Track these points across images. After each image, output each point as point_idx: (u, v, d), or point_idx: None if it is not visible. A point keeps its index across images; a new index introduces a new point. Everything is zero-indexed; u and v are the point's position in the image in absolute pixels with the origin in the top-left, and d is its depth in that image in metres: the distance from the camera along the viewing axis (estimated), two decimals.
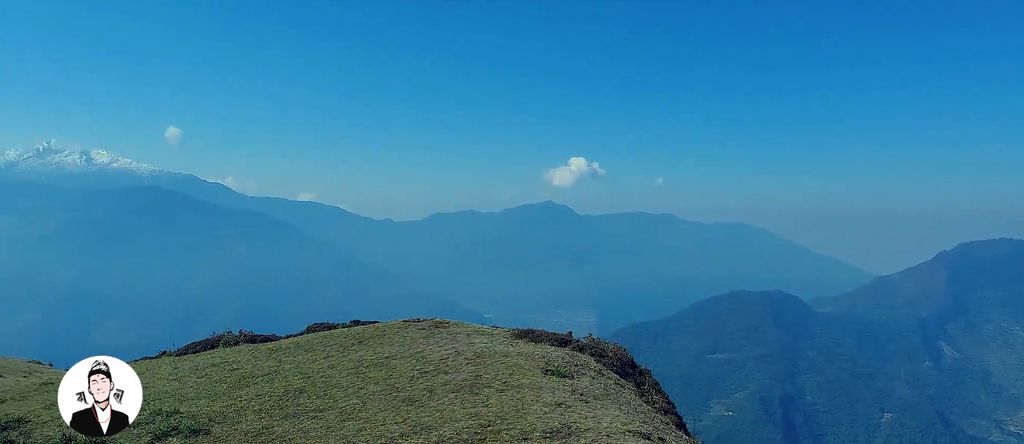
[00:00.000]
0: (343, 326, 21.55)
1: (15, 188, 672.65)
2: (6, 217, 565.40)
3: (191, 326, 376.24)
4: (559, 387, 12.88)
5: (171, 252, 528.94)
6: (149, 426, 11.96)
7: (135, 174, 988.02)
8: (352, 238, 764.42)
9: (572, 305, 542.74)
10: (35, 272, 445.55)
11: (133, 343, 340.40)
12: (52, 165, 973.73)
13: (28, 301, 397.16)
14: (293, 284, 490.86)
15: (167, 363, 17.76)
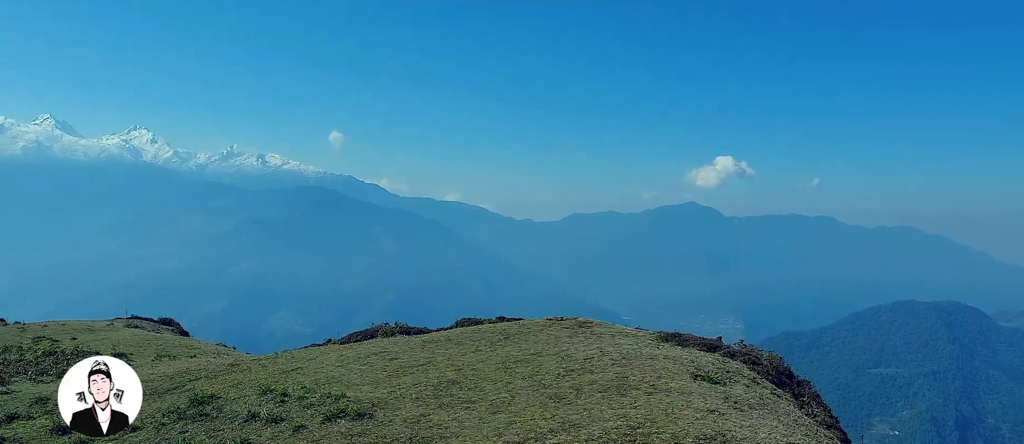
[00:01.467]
0: (490, 322, 22.22)
1: (205, 189, 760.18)
2: (198, 215, 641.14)
3: (350, 316, 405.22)
4: (710, 393, 12.47)
5: (333, 247, 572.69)
6: (320, 408, 13.04)
7: (303, 175, 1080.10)
8: (494, 237, 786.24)
9: (716, 311, 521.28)
10: (220, 265, 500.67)
11: (301, 331, 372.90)
12: (234, 167, 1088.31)
13: (216, 290, 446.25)
14: (439, 280, 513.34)
15: (333, 351, 19.23)
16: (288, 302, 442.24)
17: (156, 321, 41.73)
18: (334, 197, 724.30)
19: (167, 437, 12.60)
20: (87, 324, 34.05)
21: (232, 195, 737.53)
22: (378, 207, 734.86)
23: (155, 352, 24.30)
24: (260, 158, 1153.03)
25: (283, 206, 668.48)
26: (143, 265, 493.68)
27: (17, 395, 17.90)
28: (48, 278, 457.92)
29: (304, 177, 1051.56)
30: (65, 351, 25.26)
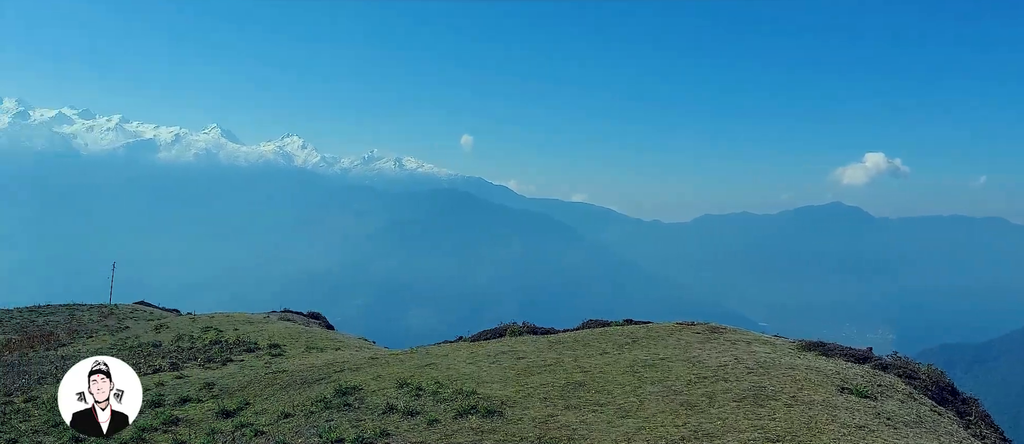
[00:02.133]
0: (617, 324, 21.94)
1: (350, 192, 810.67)
2: (344, 217, 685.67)
3: (479, 313, 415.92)
4: (859, 408, 11.55)
5: (464, 247, 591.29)
6: (453, 403, 13.50)
7: (437, 178, 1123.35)
8: (621, 238, 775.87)
9: (864, 319, 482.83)
10: (363, 263, 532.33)
11: (434, 327, 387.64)
12: (374, 171, 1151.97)
13: (358, 287, 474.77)
14: (565, 280, 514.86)
15: (464, 348, 19.83)
16: (423, 299, 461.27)
17: (305, 315, 45.00)
18: (465, 198, 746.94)
19: (315, 424, 13.56)
20: (247, 317, 37.37)
21: (373, 197, 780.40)
22: (506, 208, 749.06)
23: (305, 344, 26.20)
24: (397, 162, 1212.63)
25: (419, 208, 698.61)
26: (295, 263, 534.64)
27: (189, 379, 20.01)
28: (217, 274, 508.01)
29: (438, 179, 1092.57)
30: (228, 341, 27.88)
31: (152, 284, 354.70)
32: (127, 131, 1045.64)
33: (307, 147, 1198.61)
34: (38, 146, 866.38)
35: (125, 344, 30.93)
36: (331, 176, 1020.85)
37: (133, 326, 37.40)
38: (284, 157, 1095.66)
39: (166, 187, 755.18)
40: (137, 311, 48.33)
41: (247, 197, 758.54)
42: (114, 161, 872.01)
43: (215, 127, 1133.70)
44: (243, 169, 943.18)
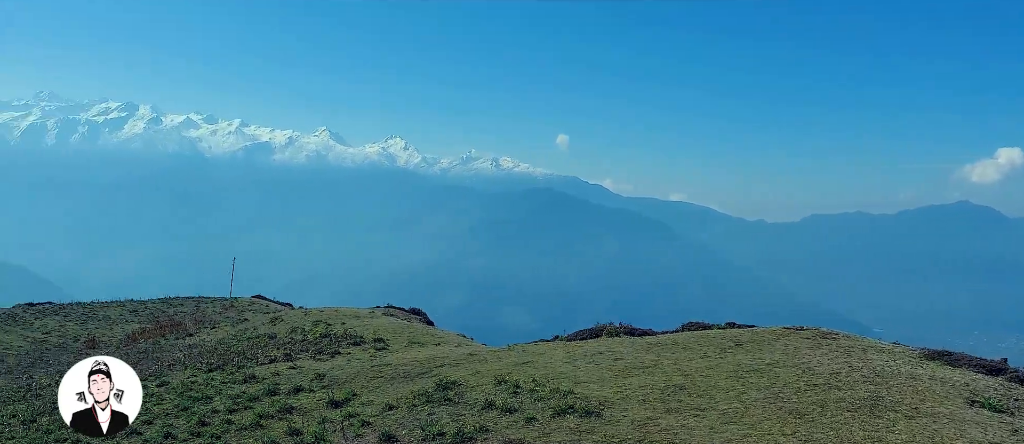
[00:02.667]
0: (719, 327, 21.25)
1: (448, 191, 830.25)
2: (442, 215, 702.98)
3: (574, 313, 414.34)
4: (991, 423, 10.61)
5: (559, 246, 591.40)
6: (550, 402, 13.54)
7: (532, 177, 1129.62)
8: (721, 238, 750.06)
9: (995, 327, 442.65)
10: (461, 261, 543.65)
11: (529, 325, 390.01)
12: (472, 170, 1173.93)
13: (456, 285, 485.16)
14: (661, 281, 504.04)
15: (561, 347, 19.84)
16: (518, 297, 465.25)
17: (407, 311, 46.45)
18: (560, 198, 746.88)
19: (418, 417, 14.00)
20: (354, 311, 39.05)
21: (470, 197, 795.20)
22: (601, 207, 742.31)
23: (407, 339, 27.08)
24: (494, 162, 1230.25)
25: (514, 207, 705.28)
26: (397, 260, 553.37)
27: (302, 370, 21.16)
28: (326, 270, 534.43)
29: (533, 179, 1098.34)
30: (337, 334, 29.24)
31: (268, 278, 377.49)
32: (246, 134, 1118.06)
33: (409, 148, 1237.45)
34: (169, 149, 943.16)
35: (244, 335, 33.12)
36: (431, 176, 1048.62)
37: (251, 318, 39.97)
38: (387, 158, 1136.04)
39: (280, 187, 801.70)
40: (255, 304, 51.62)
41: (353, 196, 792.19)
42: (234, 163, 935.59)
43: (324, 129, 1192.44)
44: (350, 170, 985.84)
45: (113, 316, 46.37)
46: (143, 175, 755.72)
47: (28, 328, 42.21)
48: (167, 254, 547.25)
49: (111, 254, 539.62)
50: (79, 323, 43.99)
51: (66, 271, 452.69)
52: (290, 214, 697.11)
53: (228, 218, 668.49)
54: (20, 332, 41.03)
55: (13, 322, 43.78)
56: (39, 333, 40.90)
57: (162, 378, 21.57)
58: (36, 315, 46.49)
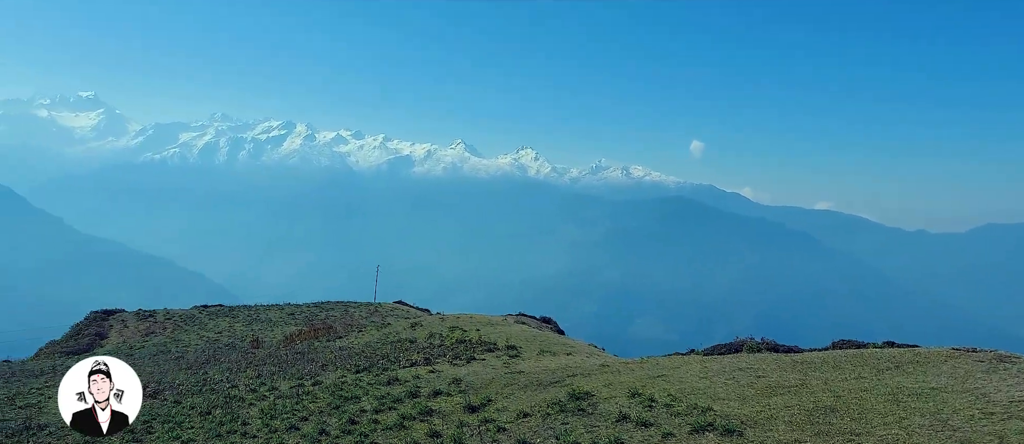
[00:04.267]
0: (875, 346, 19.66)
1: (578, 201, 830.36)
2: (572, 225, 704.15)
3: (710, 326, 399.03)
4: None
5: (693, 257, 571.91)
6: (687, 418, 13.14)
7: (664, 186, 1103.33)
8: (874, 250, 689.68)
9: None
10: (592, 270, 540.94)
11: (661, 337, 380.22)
12: (602, 180, 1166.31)
13: (587, 294, 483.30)
14: (805, 295, 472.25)
15: (697, 361, 19.18)
16: (650, 308, 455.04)
17: (538, 319, 46.98)
18: (694, 207, 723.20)
19: (552, 426, 14.10)
20: (487, 318, 40.06)
21: (599, 206, 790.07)
22: (739, 216, 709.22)
23: (539, 347, 27.36)
24: (625, 170, 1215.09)
25: (645, 216, 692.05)
26: (529, 269, 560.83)
27: (440, 374, 22.01)
28: (462, 278, 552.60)
29: (665, 187, 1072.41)
30: (472, 340, 30.14)
31: (408, 285, 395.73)
32: (389, 148, 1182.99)
33: (539, 159, 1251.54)
34: (322, 164, 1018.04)
35: (387, 339, 35.00)
36: (561, 186, 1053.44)
37: (393, 323, 42.15)
38: (519, 168, 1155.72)
39: (420, 198, 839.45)
40: (396, 309, 54.39)
41: (487, 206, 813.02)
42: (379, 175, 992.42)
43: (460, 142, 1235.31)
44: (483, 181, 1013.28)
45: (274, 318, 50.75)
46: (299, 188, 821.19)
47: (203, 328, 47.22)
48: (319, 261, 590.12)
49: (272, 261, 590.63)
50: (245, 324, 48.56)
51: (235, 276, 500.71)
52: (429, 224, 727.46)
53: (373, 228, 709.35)
54: (197, 332, 45.99)
55: (191, 323, 49.18)
56: (212, 333, 45.63)
57: (316, 378, 23.27)
58: (210, 316, 51.91)
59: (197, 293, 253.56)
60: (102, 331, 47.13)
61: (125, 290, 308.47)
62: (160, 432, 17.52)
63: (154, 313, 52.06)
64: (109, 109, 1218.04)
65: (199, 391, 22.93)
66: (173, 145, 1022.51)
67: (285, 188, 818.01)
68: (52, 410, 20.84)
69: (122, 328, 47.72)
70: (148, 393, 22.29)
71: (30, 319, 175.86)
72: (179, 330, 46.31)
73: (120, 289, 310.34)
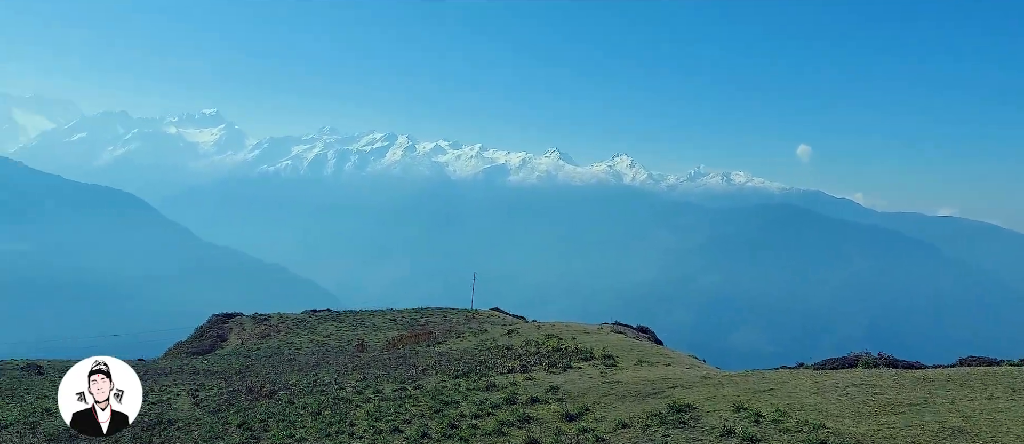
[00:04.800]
0: (1010, 364, 18.02)
1: (673, 207, 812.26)
2: (669, 232, 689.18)
3: (816, 338, 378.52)
4: None
5: (798, 265, 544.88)
6: (797, 435, 12.56)
7: (767, 192, 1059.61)
8: (1006, 259, 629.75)
9: None
10: (688, 278, 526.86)
11: (763, 349, 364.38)
12: (700, 187, 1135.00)
13: (684, 303, 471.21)
14: (922, 307, 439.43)
15: (807, 376, 18.29)
16: (751, 318, 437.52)
17: (635, 328, 46.23)
18: (800, 213, 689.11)
19: (652, 438, 13.85)
20: (583, 327, 39.87)
21: (697, 213, 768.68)
22: (850, 223, 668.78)
23: (636, 357, 26.94)
24: (725, 177, 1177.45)
25: (746, 223, 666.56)
26: (624, 277, 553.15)
27: (537, 382, 22.11)
28: (557, 285, 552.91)
29: (768, 194, 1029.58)
30: (567, 348, 30.09)
31: (505, 292, 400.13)
32: (485, 158, 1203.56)
33: (635, 166, 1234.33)
34: (422, 174, 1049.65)
35: (484, 345, 35.54)
36: (657, 193, 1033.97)
37: (490, 330, 42.76)
38: (614, 176, 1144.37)
39: (515, 207, 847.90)
40: (493, 316, 55.16)
41: (582, 214, 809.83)
42: (475, 185, 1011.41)
43: (554, 151, 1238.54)
44: (577, 188, 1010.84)
45: (377, 323, 52.74)
46: (400, 198, 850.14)
47: (313, 332, 49.75)
48: (419, 268, 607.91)
49: (375, 268, 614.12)
50: (351, 328, 50.75)
51: (341, 282, 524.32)
52: (524, 232, 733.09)
53: (470, 236, 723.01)
54: (307, 335, 48.51)
55: (302, 326, 51.93)
56: (321, 336, 47.98)
57: (418, 382, 23.97)
58: (319, 320, 54.63)
59: (307, 298, 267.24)
60: (223, 333, 50.63)
61: (242, 294, 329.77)
62: (275, 430, 18.59)
63: (269, 317, 55.34)
64: (229, 124, 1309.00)
65: (310, 392, 24.16)
66: (286, 158, 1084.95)
67: (387, 198, 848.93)
68: (179, 406, 22.57)
69: (240, 330, 51.07)
70: (264, 393, 23.72)
71: (159, 320, 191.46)
72: (291, 333, 49.01)
73: (238, 293, 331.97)
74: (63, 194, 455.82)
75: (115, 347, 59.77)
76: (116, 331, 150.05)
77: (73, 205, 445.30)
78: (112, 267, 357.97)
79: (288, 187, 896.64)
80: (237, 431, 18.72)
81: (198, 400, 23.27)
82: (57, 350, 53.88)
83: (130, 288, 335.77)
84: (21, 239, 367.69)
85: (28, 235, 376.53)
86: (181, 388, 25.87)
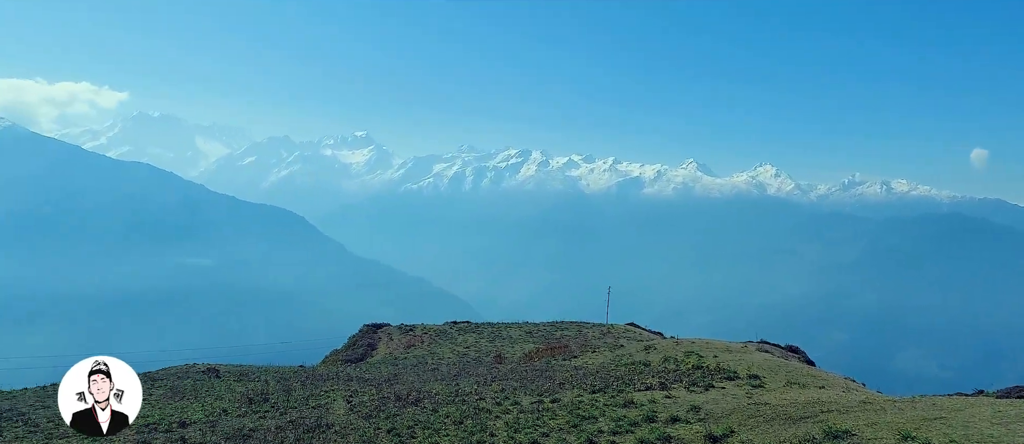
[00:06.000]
0: None
1: (824, 219, 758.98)
2: (819, 246, 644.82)
3: (994, 363, 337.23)
4: None
5: (971, 281, 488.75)
6: None
7: (934, 201, 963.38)
8: None
9: None
10: (841, 295, 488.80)
11: (933, 374, 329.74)
12: (855, 196, 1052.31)
13: (838, 322, 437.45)
14: None
15: (986, 404, 16.41)
16: (917, 340, 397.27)
17: (783, 347, 43.64)
18: (974, 224, 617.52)
19: None
20: (725, 345, 38.25)
21: (851, 225, 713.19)
22: None
23: (785, 378, 25.46)
24: (884, 185, 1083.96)
25: (908, 235, 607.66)
26: (767, 293, 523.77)
27: (676, 400, 21.53)
28: (694, 300, 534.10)
29: (936, 203, 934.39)
30: (709, 367, 29.00)
31: (640, 307, 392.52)
32: (618, 171, 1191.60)
33: (780, 175, 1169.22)
34: (555, 189, 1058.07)
35: (621, 360, 35.12)
36: (805, 204, 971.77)
37: (626, 345, 42.16)
38: (757, 187, 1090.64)
39: (650, 219, 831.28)
40: (628, 331, 54.35)
41: (721, 227, 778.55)
42: (609, 198, 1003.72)
43: (692, 162, 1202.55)
44: (717, 200, 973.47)
45: (514, 336, 53.76)
46: (535, 212, 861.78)
47: (454, 343, 51.63)
48: (553, 282, 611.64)
49: (511, 281, 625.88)
50: (489, 340, 52.11)
51: (479, 294, 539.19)
52: (659, 245, 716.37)
53: (603, 249, 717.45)
54: (449, 346, 50.42)
55: (443, 337, 54.06)
56: (462, 347, 49.68)
57: (554, 395, 24.16)
58: (459, 332, 56.61)
59: (446, 309, 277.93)
60: (372, 342, 53.86)
61: (388, 305, 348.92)
62: (421, 437, 19.50)
63: (413, 327, 58.14)
64: (378, 145, 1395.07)
65: (452, 401, 25.09)
66: (428, 176, 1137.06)
67: (522, 213, 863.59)
68: (336, 411, 24.28)
69: (388, 340, 54.06)
70: (411, 401, 24.97)
71: (318, 328, 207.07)
72: (434, 343, 51.17)
73: (384, 304, 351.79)
74: (237, 214, 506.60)
75: (280, 353, 66.54)
76: (283, 338, 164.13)
77: (246, 224, 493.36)
78: (278, 279, 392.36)
79: (430, 204, 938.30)
80: (387, 437, 19.83)
81: (352, 405, 24.93)
82: (232, 356, 59.93)
83: (293, 298, 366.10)
84: (202, 254, 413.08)
85: (208, 251, 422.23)
86: (337, 394, 27.83)
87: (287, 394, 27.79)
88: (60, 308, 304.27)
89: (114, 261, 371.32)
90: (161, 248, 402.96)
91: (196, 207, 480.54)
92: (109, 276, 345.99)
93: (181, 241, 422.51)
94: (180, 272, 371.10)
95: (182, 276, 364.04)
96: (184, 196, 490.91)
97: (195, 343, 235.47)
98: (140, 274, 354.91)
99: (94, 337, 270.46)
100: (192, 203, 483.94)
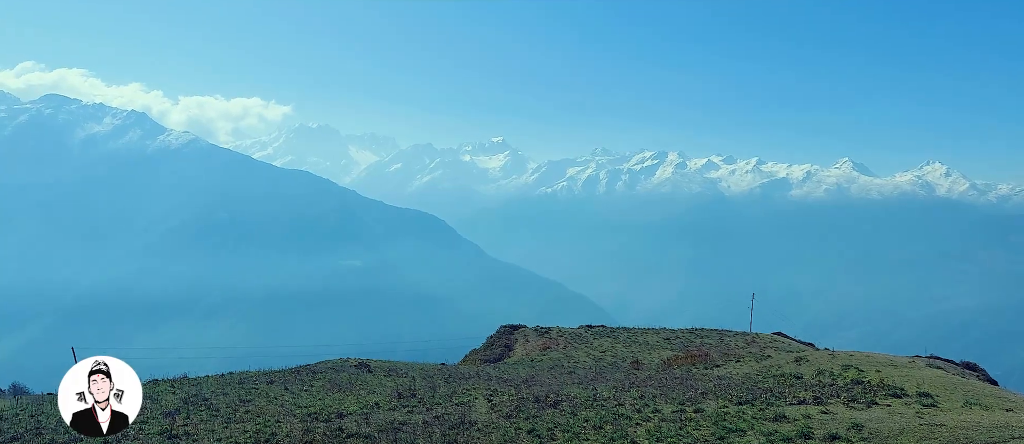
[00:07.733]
0: None
1: (1006, 222, 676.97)
2: (1000, 252, 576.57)
3: None
4: None
5: None
6: None
7: None
8: None
9: None
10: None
11: None
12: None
13: (1022, 336, 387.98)
14: None
15: None
16: None
17: (958, 364, 39.40)
18: None
19: None
20: (889, 359, 35.10)
21: None
22: None
23: (963, 397, 22.91)
24: None
25: None
26: (936, 304, 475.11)
27: (835, 417, 20.01)
28: (848, 310, 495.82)
29: None
30: (870, 382, 26.71)
31: (787, 316, 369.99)
32: (763, 172, 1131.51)
33: (952, 174, 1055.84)
34: (693, 191, 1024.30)
35: (768, 372, 33.25)
36: (983, 206, 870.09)
37: (774, 356, 39.87)
38: (923, 187, 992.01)
39: (798, 223, 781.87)
40: (776, 341, 51.38)
41: (881, 232, 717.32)
42: (751, 200, 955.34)
43: (846, 161, 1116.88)
44: (876, 202, 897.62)
45: (651, 342, 52.61)
46: (672, 215, 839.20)
47: (590, 346, 51.42)
48: (691, 287, 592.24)
49: (647, 285, 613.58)
50: (625, 345, 51.38)
51: (612, 298, 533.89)
52: (809, 251, 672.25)
53: (747, 254, 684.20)
54: (585, 350, 50.30)
55: (579, 340, 53.99)
56: (597, 351, 49.37)
57: (697, 405, 23.33)
58: (594, 336, 56.30)
59: (581, 312, 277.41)
60: (510, 343, 54.92)
61: (524, 306, 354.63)
62: (561, 440, 19.58)
63: (549, 330, 58.60)
64: (513, 151, 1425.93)
65: (590, 405, 24.98)
66: (562, 179, 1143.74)
67: (658, 216, 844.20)
68: (478, 409, 24.97)
69: (524, 341, 54.88)
70: (550, 402, 25.15)
71: (457, 328, 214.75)
72: (570, 346, 51.27)
73: (520, 305, 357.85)
74: (386, 218, 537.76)
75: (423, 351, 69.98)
76: (427, 336, 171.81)
77: (392, 227, 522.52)
78: (421, 279, 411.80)
79: (564, 207, 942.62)
80: (527, 437, 20.11)
81: (493, 405, 25.53)
82: (380, 352, 63.65)
83: (434, 298, 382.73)
84: (354, 256, 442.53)
85: (359, 253, 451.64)
86: (478, 392, 28.63)
87: (432, 391, 29.00)
88: (233, 305, 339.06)
89: (278, 262, 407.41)
90: (318, 250, 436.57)
91: (349, 212, 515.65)
92: (273, 276, 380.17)
93: (335, 244, 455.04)
94: (334, 273, 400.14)
95: (336, 277, 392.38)
96: (339, 202, 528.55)
97: (347, 339, 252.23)
98: (299, 274, 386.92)
99: (262, 331, 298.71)
100: (345, 209, 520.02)
